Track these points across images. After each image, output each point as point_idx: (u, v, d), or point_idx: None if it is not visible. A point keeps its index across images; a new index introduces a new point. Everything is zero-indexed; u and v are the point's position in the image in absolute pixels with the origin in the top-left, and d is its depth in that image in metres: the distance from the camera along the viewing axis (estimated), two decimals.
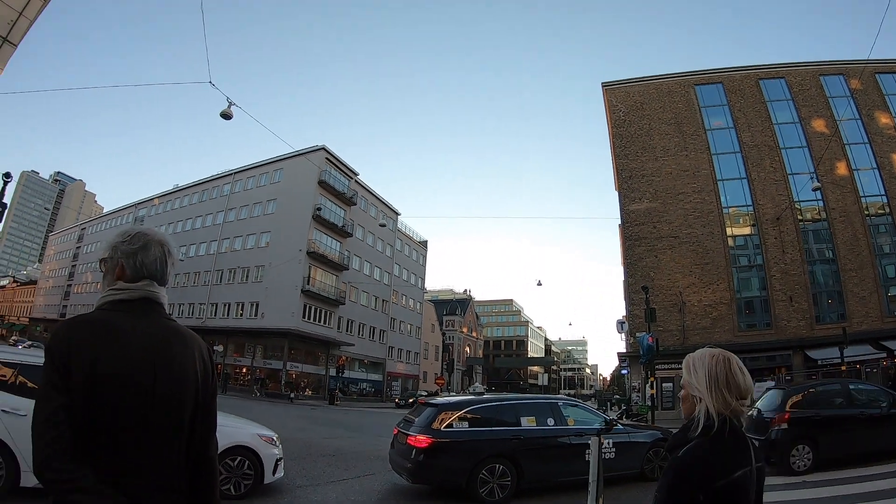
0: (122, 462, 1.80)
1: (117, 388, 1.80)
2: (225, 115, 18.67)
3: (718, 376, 2.09)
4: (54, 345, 1.81)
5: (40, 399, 1.76)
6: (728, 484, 1.95)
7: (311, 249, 53.79)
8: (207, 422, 2.08)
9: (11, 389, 6.80)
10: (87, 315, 1.95)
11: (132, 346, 1.87)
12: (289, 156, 56.62)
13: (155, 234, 2.15)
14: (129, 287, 2.02)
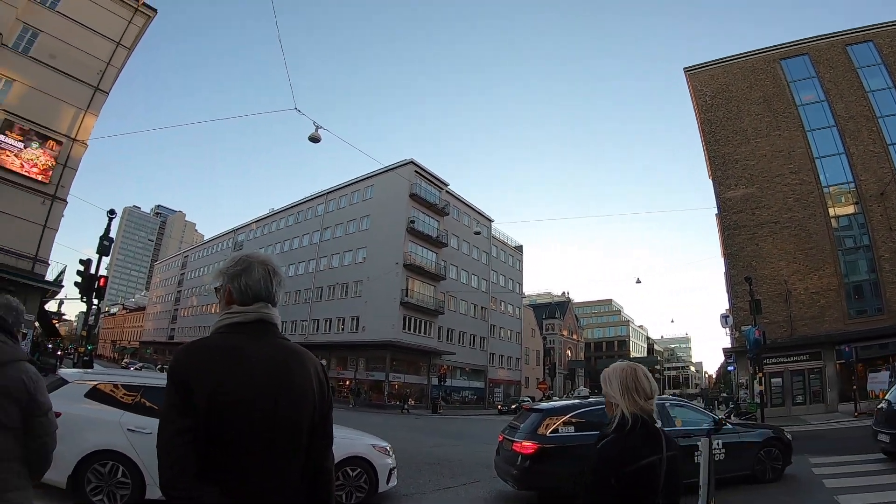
0: (244, 480, 1.88)
1: (240, 411, 1.87)
2: (313, 139, 19.20)
3: (629, 384, 2.66)
4: (176, 369, 1.90)
5: (164, 421, 1.85)
6: (636, 469, 2.47)
7: (407, 262, 54.68)
8: (325, 436, 2.16)
9: (137, 410, 7.50)
10: (206, 339, 2.04)
11: (253, 369, 1.94)
12: (378, 172, 57.96)
13: (258, 255, 2.21)
14: (244, 310, 2.09)
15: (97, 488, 6.95)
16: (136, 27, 35.71)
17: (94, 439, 7.09)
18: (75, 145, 31.54)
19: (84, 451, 6.94)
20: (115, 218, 23.39)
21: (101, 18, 33.46)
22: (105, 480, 7.01)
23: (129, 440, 7.12)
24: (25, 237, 28.96)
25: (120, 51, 34.47)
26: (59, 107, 31.32)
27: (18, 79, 30.47)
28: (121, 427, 7.20)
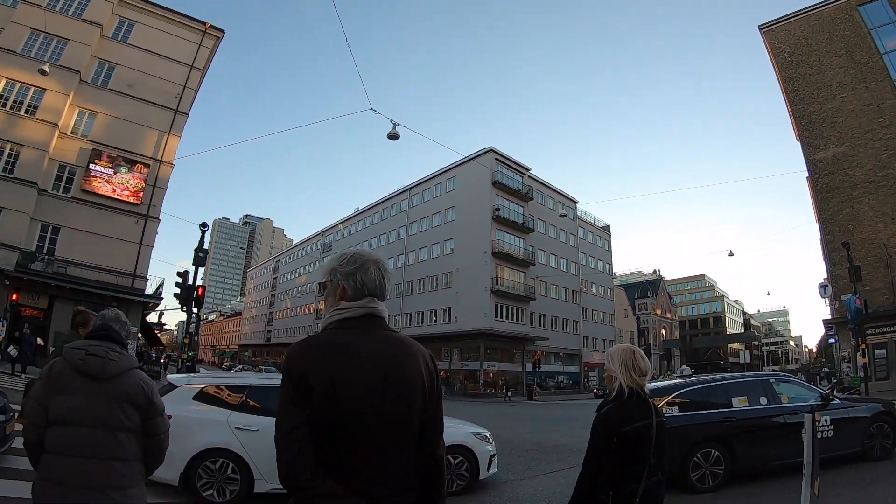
0: (357, 471, 1.92)
1: (351, 405, 1.92)
2: (392, 137, 19.29)
3: (627, 362, 3.35)
4: (291, 365, 1.98)
5: (281, 415, 1.94)
6: (631, 430, 3.18)
7: (495, 250, 54.38)
8: (435, 425, 2.19)
9: (243, 409, 7.90)
10: (317, 336, 2.12)
11: (363, 364, 1.98)
12: (459, 163, 57.90)
13: (370, 254, 2.26)
14: (353, 305, 2.13)
15: (207, 484, 7.39)
16: (207, 49, 37.34)
17: (204, 438, 7.51)
18: (162, 166, 33.39)
19: (194, 449, 7.36)
20: (207, 230, 24.42)
21: (172, 45, 35.11)
22: (215, 477, 7.44)
23: (237, 438, 7.55)
24: (124, 256, 31.25)
25: (194, 73, 36.14)
26: (142, 132, 33.19)
27: (101, 111, 32.58)
28: (228, 426, 7.62)
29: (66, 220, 31.03)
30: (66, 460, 3.02)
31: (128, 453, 3.20)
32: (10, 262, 28.13)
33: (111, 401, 3.16)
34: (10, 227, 28.80)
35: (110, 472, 3.10)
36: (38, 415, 3.11)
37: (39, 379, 3.27)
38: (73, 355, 3.19)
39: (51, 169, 31.19)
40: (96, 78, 33.61)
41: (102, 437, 3.10)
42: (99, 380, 3.18)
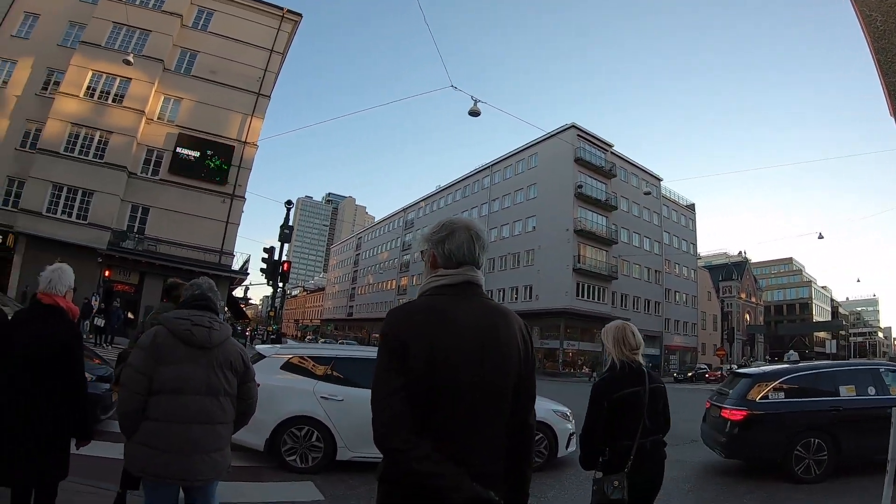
0: (453, 436, 1.93)
1: (450, 371, 1.92)
2: (473, 113, 19.27)
3: (619, 338, 3.88)
4: (389, 329, 2.00)
5: (378, 379, 1.95)
6: (621, 396, 3.73)
7: (577, 228, 53.77)
8: (528, 393, 2.19)
9: (329, 379, 8.15)
10: (415, 302, 2.12)
11: (461, 330, 1.99)
12: (541, 139, 57.35)
13: (461, 220, 2.25)
14: (450, 273, 2.13)
15: (292, 450, 7.73)
16: (285, 33, 37.90)
17: (290, 406, 7.82)
18: (246, 148, 34.34)
19: (281, 416, 7.69)
20: (292, 208, 24.92)
21: (251, 31, 35.88)
22: (299, 443, 7.76)
23: (322, 407, 7.83)
24: (211, 233, 32.59)
25: (274, 57, 36.78)
26: (226, 115, 34.18)
27: (185, 97, 33.94)
28: (314, 395, 7.90)
29: (155, 201, 32.62)
30: (174, 427, 3.25)
31: (227, 417, 3.51)
32: (103, 241, 30.03)
33: (215, 368, 3.43)
34: (102, 208, 30.63)
35: (214, 435, 3.40)
36: (140, 384, 3.28)
37: (140, 349, 3.38)
38: (179, 325, 3.41)
39: (139, 153, 32.74)
40: (179, 66, 34.85)
41: (208, 403, 3.37)
42: (204, 349, 3.42)
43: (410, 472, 1.86)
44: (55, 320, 3.73)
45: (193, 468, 3.32)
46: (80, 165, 30.93)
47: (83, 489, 5.30)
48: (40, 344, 3.60)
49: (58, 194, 30.44)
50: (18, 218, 29.44)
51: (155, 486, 3.38)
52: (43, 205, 29.95)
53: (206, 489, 3.58)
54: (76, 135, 31.38)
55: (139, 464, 3.31)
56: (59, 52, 32.74)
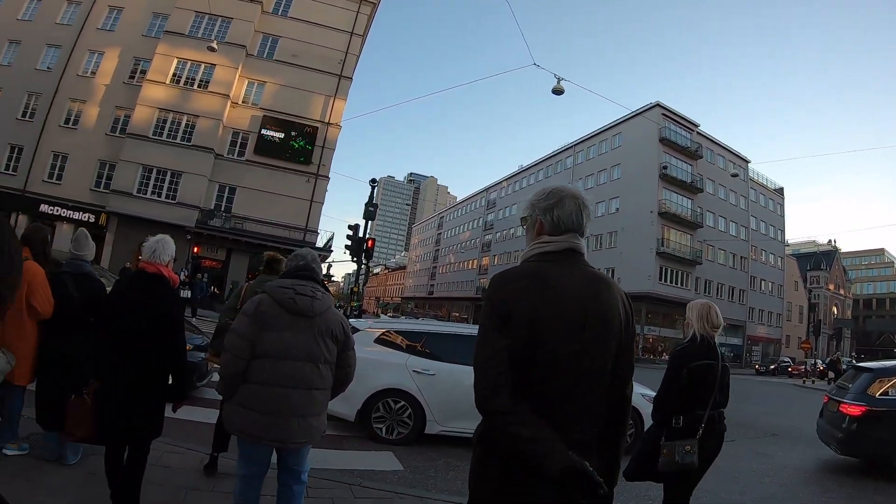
0: (552, 401, 1.93)
1: (554, 333, 1.93)
2: (556, 91, 19.21)
3: (703, 314, 4.29)
4: (493, 293, 2.01)
5: (482, 342, 1.96)
6: (699, 365, 4.11)
7: (662, 210, 51.96)
8: (628, 363, 2.16)
9: (421, 354, 8.27)
10: (519, 267, 2.12)
11: (565, 296, 1.97)
12: (625, 118, 55.78)
13: (569, 189, 2.22)
14: (554, 239, 2.12)
15: (381, 420, 7.91)
16: (364, 15, 38.23)
17: (383, 379, 7.96)
18: (329, 128, 34.87)
19: (373, 388, 7.86)
20: (376, 186, 25.19)
21: (330, 14, 36.37)
22: (390, 415, 7.92)
23: (413, 381, 7.96)
24: (296, 212, 33.47)
25: (354, 39, 37.09)
26: (309, 97, 34.85)
27: (269, 80, 34.87)
28: (406, 369, 8.04)
29: (241, 181, 33.79)
30: (274, 391, 3.40)
31: (325, 383, 3.65)
32: (192, 219, 31.73)
33: (316, 336, 3.55)
34: (190, 188, 32.14)
35: (312, 400, 3.55)
36: (243, 349, 3.43)
37: (244, 315, 3.53)
38: (283, 294, 3.54)
39: (225, 136, 33.96)
40: (262, 51, 35.81)
41: (308, 369, 3.51)
42: (306, 317, 3.53)
43: (509, 435, 1.88)
44: (158, 288, 3.95)
45: (290, 431, 3.49)
46: (169, 148, 32.50)
47: (173, 449, 5.61)
48: (144, 309, 3.81)
49: (147, 176, 32.16)
50: (110, 198, 31.45)
51: (250, 447, 3.60)
52: (133, 186, 31.80)
53: (299, 452, 3.76)
54: (164, 119, 33.04)
55: (237, 424, 3.52)
56: (144, 42, 34.48)
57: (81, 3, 35.61)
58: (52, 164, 33.35)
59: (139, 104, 32.75)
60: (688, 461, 3.94)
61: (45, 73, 34.49)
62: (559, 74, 18.67)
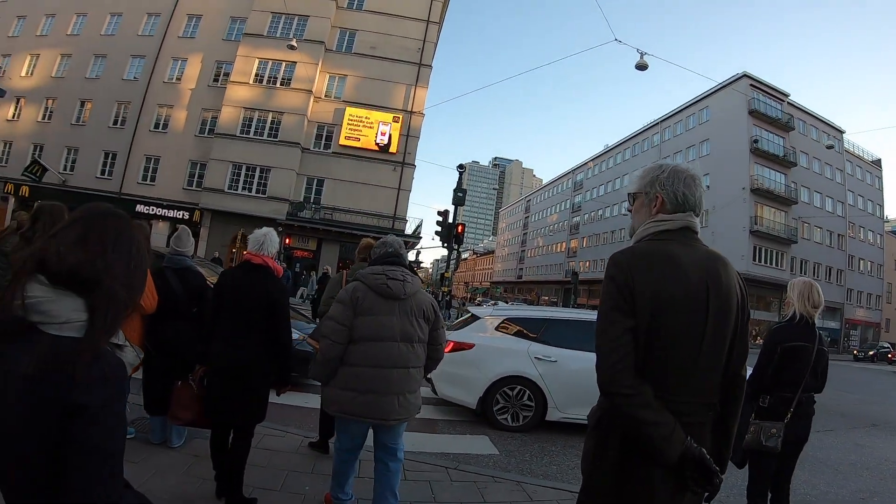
0: (673, 381, 1.93)
1: (677, 312, 1.92)
2: (640, 67, 19.16)
3: (804, 293, 4.09)
4: (616, 272, 1.97)
5: (605, 322, 1.95)
6: (793, 346, 3.97)
7: (754, 186, 49.60)
8: (743, 343, 2.12)
9: (542, 340, 8.15)
10: (639, 246, 2.10)
11: (688, 275, 1.96)
12: (711, 91, 54.30)
13: (689, 168, 2.21)
14: (670, 217, 2.12)
15: (503, 409, 7.87)
16: (439, 3, 38.13)
17: (504, 366, 7.88)
18: (413, 117, 34.90)
19: (495, 376, 7.82)
20: (463, 172, 25.55)
21: (405, 4, 36.70)
22: (511, 403, 7.86)
23: (535, 367, 7.85)
24: (383, 200, 33.91)
25: (431, 27, 37.01)
26: (390, 87, 35.09)
27: (349, 73, 35.39)
28: (528, 356, 7.93)
29: (329, 173, 34.34)
30: (374, 371, 3.64)
31: (419, 361, 3.86)
32: (282, 212, 32.60)
33: (409, 317, 3.77)
34: (279, 182, 33.06)
35: (409, 378, 3.77)
36: (341, 335, 3.64)
37: (339, 303, 3.74)
38: (376, 280, 3.74)
39: (310, 130, 34.66)
40: (340, 45, 36.30)
41: (404, 348, 3.73)
42: (399, 300, 3.74)
43: (631, 418, 1.87)
44: (264, 277, 4.15)
45: (390, 408, 3.68)
46: (256, 145, 33.54)
47: (273, 433, 5.87)
48: (251, 298, 4.03)
49: (237, 172, 33.34)
50: (202, 196, 32.91)
51: (349, 425, 3.84)
52: (224, 182, 33.04)
53: (395, 429, 3.92)
54: (249, 118, 34.11)
55: (338, 405, 3.72)
56: (224, 46, 35.90)
57: (161, 14, 37.39)
58: (146, 167, 35.26)
59: (225, 105, 34.12)
60: (771, 444, 3.91)
61: (132, 83, 36.48)
62: (642, 49, 18.49)
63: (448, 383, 8.12)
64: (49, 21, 39.65)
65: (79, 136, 36.48)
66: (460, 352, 8.01)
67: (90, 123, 36.57)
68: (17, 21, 40.61)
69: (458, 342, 8.10)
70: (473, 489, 5.12)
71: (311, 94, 34.19)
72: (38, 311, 1.45)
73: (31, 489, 1.42)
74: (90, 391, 1.41)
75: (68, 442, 1.38)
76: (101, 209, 1.68)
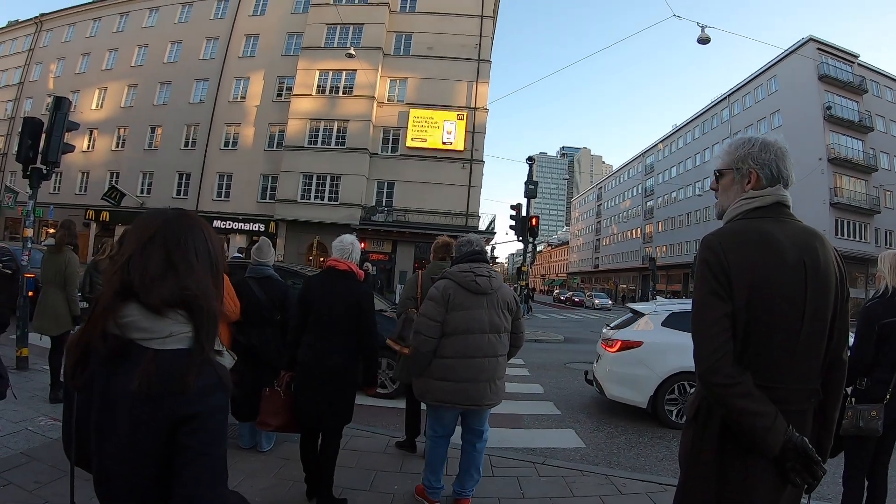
0: (773, 367, 1.85)
1: (774, 294, 1.83)
2: (702, 40, 18.81)
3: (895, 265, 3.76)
4: (709, 255, 1.89)
5: (701, 309, 1.89)
6: (887, 323, 3.65)
7: (831, 156, 47.43)
8: (844, 324, 2.00)
9: None
10: (731, 226, 2.00)
11: (784, 254, 1.87)
12: (777, 60, 52.41)
13: (780, 141, 2.09)
14: (761, 194, 2.01)
15: (674, 402, 7.69)
16: None
17: (675, 362, 7.55)
18: (477, 113, 34.64)
19: (665, 373, 7.60)
20: (533, 164, 25.68)
21: (458, 1, 36.63)
22: (684, 399, 7.62)
23: None
24: (455, 198, 33.86)
25: (486, 22, 36.71)
26: (451, 86, 35.08)
27: (409, 76, 35.51)
28: None
29: (398, 175, 34.52)
30: (467, 362, 3.97)
31: (505, 349, 4.22)
32: (355, 217, 32.85)
33: (496, 310, 4.10)
34: (350, 188, 33.46)
35: (498, 366, 4.12)
36: (434, 330, 3.96)
37: (431, 300, 4.03)
38: (465, 278, 4.06)
39: (376, 135, 34.88)
40: (397, 49, 36.48)
41: (493, 339, 4.06)
42: (486, 294, 4.07)
43: (733, 408, 1.81)
44: (350, 282, 4.30)
45: (483, 394, 4.00)
46: (325, 154, 34.05)
47: (360, 433, 6.00)
48: (340, 304, 4.17)
49: (308, 182, 33.88)
50: (276, 207, 33.66)
51: (443, 413, 4.16)
52: (297, 193, 33.65)
53: (483, 413, 4.20)
54: (316, 128, 34.66)
55: (434, 395, 4.02)
56: (284, 62, 36.74)
57: (219, 37, 38.81)
58: (219, 184, 36.49)
59: (291, 118, 34.80)
60: (871, 427, 3.63)
61: (198, 105, 37.92)
62: (702, 22, 17.99)
63: (617, 384, 8.06)
64: (112, 55, 42.05)
65: (152, 160, 38.24)
66: (629, 350, 7.93)
67: (162, 147, 38.24)
68: (81, 59, 43.39)
69: (625, 341, 8.02)
70: (561, 483, 5.07)
71: (373, 100, 34.45)
72: (137, 329, 1.40)
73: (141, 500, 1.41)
74: (202, 398, 1.39)
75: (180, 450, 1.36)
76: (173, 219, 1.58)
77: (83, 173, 40.16)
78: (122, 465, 1.38)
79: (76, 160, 36.62)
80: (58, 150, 8.68)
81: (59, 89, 38.77)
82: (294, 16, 37.53)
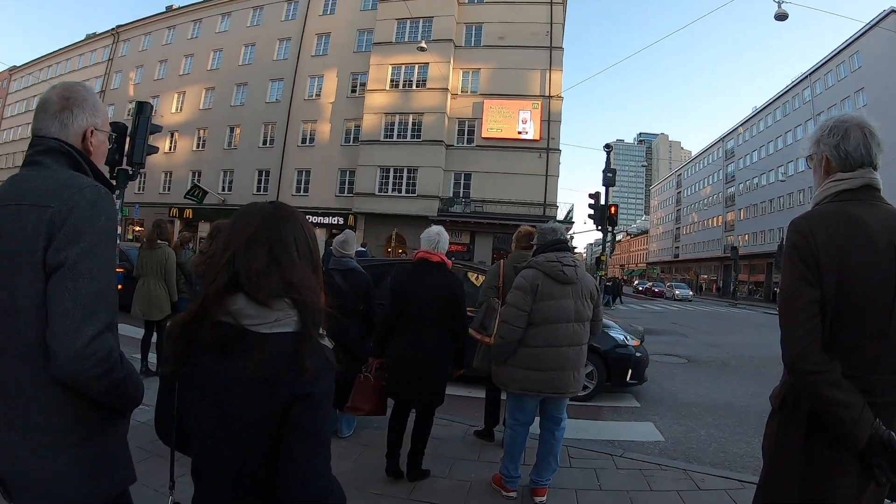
0: (861, 356, 1.79)
1: (864, 279, 1.78)
2: (780, 17, 18.37)
3: None
4: (798, 239, 1.86)
5: (788, 294, 1.85)
6: None
7: None
8: None
9: None
10: (818, 210, 1.95)
11: (874, 237, 1.81)
12: (859, 34, 49.80)
13: (852, 118, 2.00)
14: (849, 176, 1.94)
15: None
16: None
17: None
18: (552, 101, 34.12)
19: None
20: (611, 152, 25.06)
21: None
22: None
23: None
24: (532, 188, 33.34)
25: (556, 8, 36.03)
26: (524, 74, 34.60)
27: (482, 66, 35.29)
28: None
29: (475, 166, 34.30)
30: (553, 351, 4.01)
31: (587, 338, 4.27)
32: (433, 209, 33.09)
33: (581, 298, 4.15)
34: (427, 180, 33.46)
35: (581, 354, 4.19)
36: (521, 319, 4.00)
37: (519, 290, 4.06)
38: (553, 268, 4.07)
39: (451, 127, 34.80)
40: (468, 40, 36.26)
41: (578, 328, 4.11)
42: (572, 283, 4.10)
43: (820, 397, 1.77)
44: (442, 273, 4.49)
45: (567, 382, 4.09)
46: (401, 147, 34.23)
47: (440, 422, 5.75)
48: (435, 294, 4.34)
49: (385, 175, 34.16)
50: (354, 201, 34.10)
51: (524, 401, 4.24)
52: (374, 186, 33.99)
53: (563, 401, 4.29)
54: (391, 122, 34.85)
55: (518, 383, 4.10)
56: (356, 58, 37.11)
57: (291, 38, 39.55)
58: (298, 180, 37.26)
59: (366, 113, 35.12)
60: None
61: (275, 105, 38.77)
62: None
63: None
64: (188, 61, 43.49)
65: (232, 159, 39.41)
66: None
67: (241, 146, 39.32)
68: (159, 65, 45.07)
69: None
70: (639, 477, 5.01)
71: (447, 92, 34.40)
72: (246, 315, 1.45)
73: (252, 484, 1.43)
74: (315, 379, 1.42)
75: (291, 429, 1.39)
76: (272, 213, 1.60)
77: (166, 173, 41.64)
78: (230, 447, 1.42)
79: (159, 161, 37.41)
80: (143, 152, 9.09)
81: (139, 95, 39.88)
82: (363, 13, 37.87)
